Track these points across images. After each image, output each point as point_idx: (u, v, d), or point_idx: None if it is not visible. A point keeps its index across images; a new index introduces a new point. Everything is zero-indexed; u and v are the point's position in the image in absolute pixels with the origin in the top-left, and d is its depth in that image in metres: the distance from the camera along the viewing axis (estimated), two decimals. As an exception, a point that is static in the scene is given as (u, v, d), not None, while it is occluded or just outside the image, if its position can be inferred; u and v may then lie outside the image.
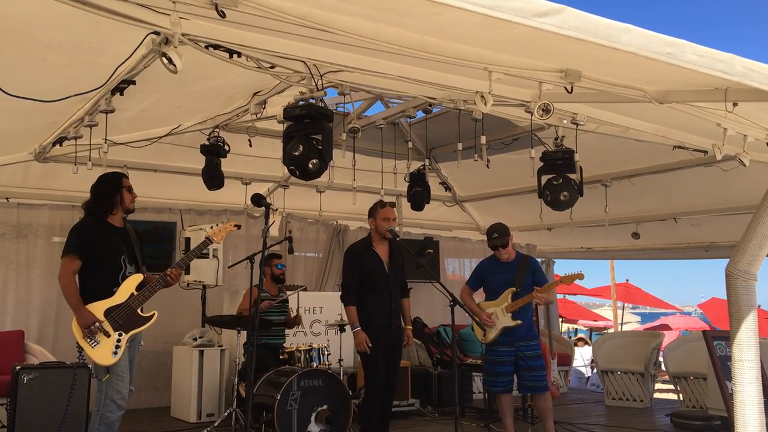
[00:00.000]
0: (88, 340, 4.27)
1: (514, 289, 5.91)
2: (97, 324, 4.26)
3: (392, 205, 5.70)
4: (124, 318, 4.37)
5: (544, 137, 6.50)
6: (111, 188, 4.65)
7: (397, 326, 5.50)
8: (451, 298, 4.99)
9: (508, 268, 6.01)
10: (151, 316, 4.51)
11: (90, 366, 4.38)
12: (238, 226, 5.08)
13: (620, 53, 2.85)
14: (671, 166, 7.17)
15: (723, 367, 6.32)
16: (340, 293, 5.67)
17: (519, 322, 5.86)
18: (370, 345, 5.30)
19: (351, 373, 7.71)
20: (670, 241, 10.16)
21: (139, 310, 4.44)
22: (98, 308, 4.34)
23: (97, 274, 4.46)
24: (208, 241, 4.77)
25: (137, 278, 4.52)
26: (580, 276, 6.02)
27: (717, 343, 6.63)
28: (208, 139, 6.54)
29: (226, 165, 6.78)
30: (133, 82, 4.65)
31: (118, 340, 4.32)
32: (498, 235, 6.01)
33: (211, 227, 4.90)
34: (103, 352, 4.28)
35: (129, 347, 4.46)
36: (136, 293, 4.44)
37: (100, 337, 4.28)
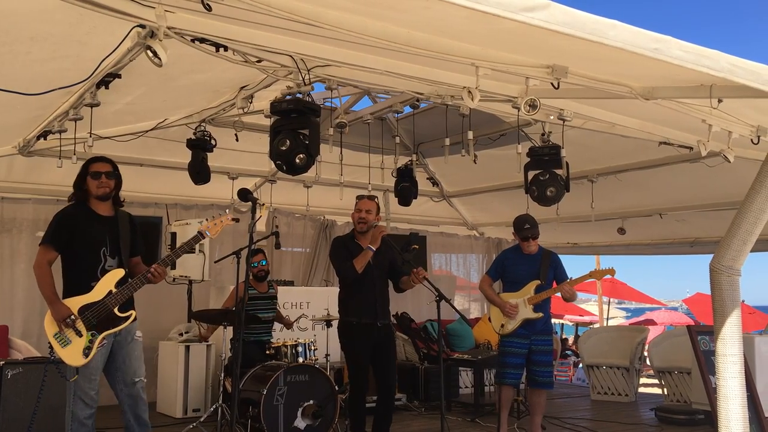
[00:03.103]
0: (58, 338, 4.07)
1: (539, 281, 5.88)
2: (72, 317, 4.06)
3: (371, 198, 5.54)
4: (99, 317, 4.13)
5: (531, 133, 6.52)
6: (79, 175, 4.36)
7: (384, 323, 5.42)
8: (437, 294, 4.99)
9: (532, 261, 5.97)
10: (128, 317, 4.24)
11: (57, 365, 4.15)
12: (236, 220, 4.75)
13: (607, 49, 2.85)
14: (657, 162, 7.22)
15: (707, 362, 6.36)
16: (326, 288, 5.63)
17: (541, 314, 5.86)
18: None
19: (338, 368, 7.71)
20: (655, 237, 10.24)
21: (116, 310, 4.18)
22: (73, 304, 4.12)
23: (74, 267, 4.24)
24: (200, 236, 4.42)
25: (117, 274, 4.24)
26: (612, 272, 5.99)
27: (701, 337, 6.67)
28: (195, 134, 6.52)
29: (213, 159, 6.76)
30: (119, 76, 4.62)
31: (90, 341, 4.10)
32: (530, 226, 5.95)
33: (206, 220, 4.55)
34: (73, 352, 4.07)
35: (115, 342, 4.25)
36: (114, 290, 4.18)
37: (72, 336, 4.08)
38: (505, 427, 5.98)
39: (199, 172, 6.61)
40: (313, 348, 6.39)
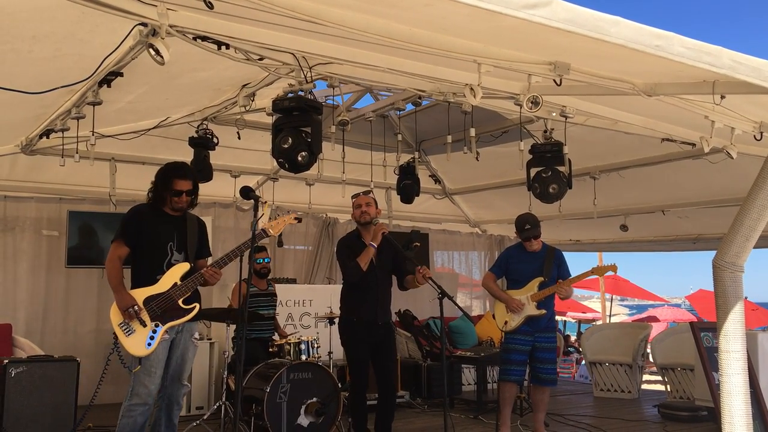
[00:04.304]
0: (123, 327, 4.13)
1: (542, 278, 5.88)
2: (135, 307, 4.13)
3: (366, 193, 5.60)
4: (163, 308, 4.22)
5: (533, 130, 6.51)
6: (162, 184, 4.45)
7: (385, 322, 5.44)
8: (439, 291, 4.99)
9: (536, 258, 5.97)
10: (192, 308, 4.35)
11: (121, 355, 4.18)
12: (299, 219, 4.85)
13: (609, 45, 2.85)
14: (659, 159, 7.20)
15: (710, 358, 6.36)
16: (329, 285, 5.65)
17: (544, 311, 5.85)
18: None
19: (340, 366, 7.71)
20: (658, 234, 10.22)
21: (180, 302, 4.28)
22: (139, 295, 4.21)
23: (142, 260, 4.36)
24: (264, 233, 4.48)
25: (183, 267, 4.36)
26: (614, 268, 5.98)
27: (704, 334, 6.67)
28: (197, 132, 6.52)
29: (215, 158, 6.75)
30: (121, 74, 4.61)
31: (154, 331, 4.16)
32: (531, 226, 5.92)
33: (269, 219, 4.57)
34: (137, 341, 4.13)
35: (175, 339, 4.32)
36: (179, 283, 4.29)
37: (136, 325, 4.15)
38: (508, 424, 5.98)
39: (202, 170, 6.61)
40: (316, 346, 6.39)
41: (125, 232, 4.36)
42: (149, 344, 4.14)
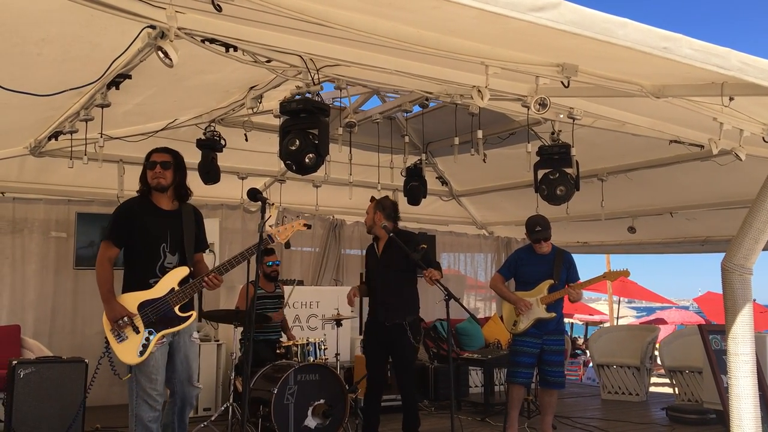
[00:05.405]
0: (115, 334, 3.96)
1: (552, 281, 5.86)
2: (125, 319, 3.94)
3: (372, 199, 5.87)
4: (158, 315, 3.99)
5: (541, 132, 6.50)
6: (142, 166, 4.20)
7: (393, 323, 5.45)
8: (445, 293, 4.99)
9: (545, 261, 5.96)
10: (189, 317, 4.09)
11: (111, 361, 4.01)
12: (308, 226, 4.60)
13: (617, 48, 2.85)
14: (667, 161, 7.18)
15: (718, 361, 6.34)
16: (336, 287, 5.76)
17: (553, 314, 5.84)
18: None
19: (348, 368, 7.72)
20: (666, 236, 10.19)
21: (176, 308, 4.04)
22: (132, 300, 4.00)
23: (133, 262, 4.12)
24: (270, 239, 4.29)
25: (182, 272, 4.11)
26: (626, 273, 5.95)
27: (712, 336, 6.65)
28: (204, 134, 6.53)
29: (223, 159, 6.77)
30: (129, 77, 4.63)
31: (147, 339, 3.95)
32: (541, 228, 5.92)
33: (277, 224, 4.42)
34: (128, 349, 3.94)
35: (173, 342, 4.11)
36: (177, 288, 4.05)
37: (128, 332, 3.95)
38: (515, 426, 5.97)
39: (209, 172, 6.63)
40: (323, 347, 6.40)
41: (114, 233, 4.11)
42: (141, 352, 3.94)
